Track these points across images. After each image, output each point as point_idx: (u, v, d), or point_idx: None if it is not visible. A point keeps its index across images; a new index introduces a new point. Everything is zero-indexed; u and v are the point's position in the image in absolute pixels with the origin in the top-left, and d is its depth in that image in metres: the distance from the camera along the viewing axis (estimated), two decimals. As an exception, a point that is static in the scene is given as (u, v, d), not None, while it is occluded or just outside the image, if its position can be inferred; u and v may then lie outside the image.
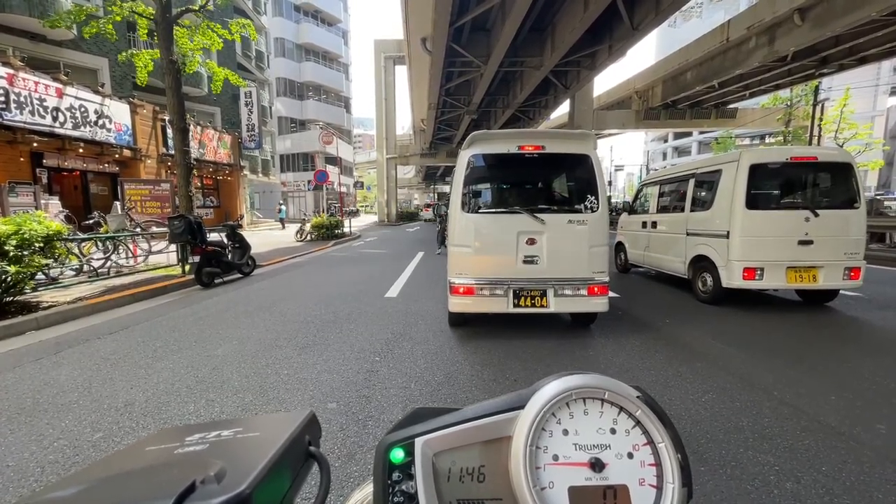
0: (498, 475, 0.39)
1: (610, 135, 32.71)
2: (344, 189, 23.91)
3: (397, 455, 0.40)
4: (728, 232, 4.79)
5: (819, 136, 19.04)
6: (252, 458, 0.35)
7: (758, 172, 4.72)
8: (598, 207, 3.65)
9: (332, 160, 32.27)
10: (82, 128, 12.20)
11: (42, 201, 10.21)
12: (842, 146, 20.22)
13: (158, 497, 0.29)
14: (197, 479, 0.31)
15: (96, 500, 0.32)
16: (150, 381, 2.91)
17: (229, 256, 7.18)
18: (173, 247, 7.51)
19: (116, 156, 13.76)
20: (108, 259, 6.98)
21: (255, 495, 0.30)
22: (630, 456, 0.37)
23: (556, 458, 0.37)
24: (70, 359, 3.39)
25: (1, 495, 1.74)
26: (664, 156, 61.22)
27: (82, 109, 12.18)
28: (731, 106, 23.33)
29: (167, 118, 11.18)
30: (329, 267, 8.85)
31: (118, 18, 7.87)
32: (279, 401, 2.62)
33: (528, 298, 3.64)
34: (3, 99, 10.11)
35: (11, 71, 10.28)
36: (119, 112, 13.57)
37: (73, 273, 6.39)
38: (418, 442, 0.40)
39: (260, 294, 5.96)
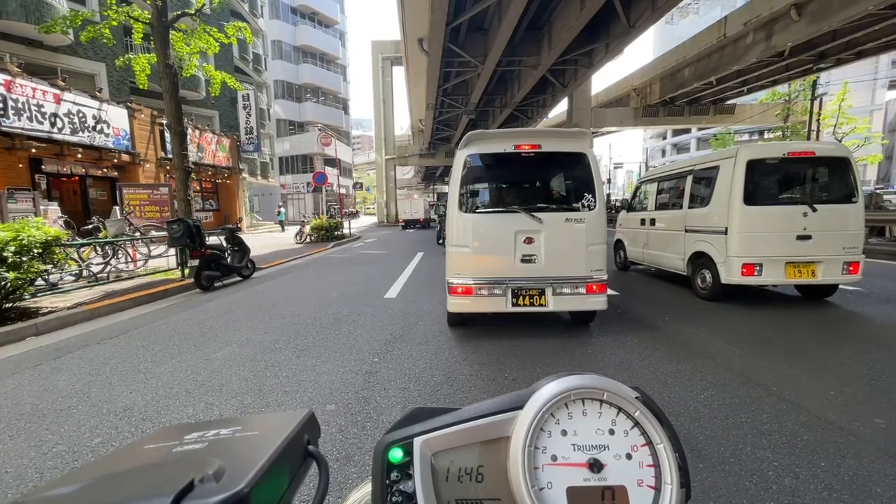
0: (496, 475, 0.39)
1: (608, 132, 32.75)
2: (343, 190, 23.90)
3: (396, 455, 0.40)
4: (726, 228, 4.79)
5: (818, 131, 19.05)
6: (251, 457, 0.35)
7: (755, 168, 4.72)
8: (595, 205, 3.65)
9: (331, 162, 32.26)
10: (81, 133, 12.18)
11: (41, 207, 10.19)
12: (840, 141, 20.25)
13: (157, 495, 0.29)
14: (195, 477, 0.31)
15: (95, 497, 0.32)
16: (149, 386, 2.90)
17: (228, 259, 7.17)
18: (172, 251, 7.50)
19: (115, 160, 13.74)
20: (107, 264, 6.97)
21: (253, 494, 0.30)
22: (629, 457, 0.37)
23: (554, 458, 0.37)
24: (69, 364, 3.39)
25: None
26: (663, 153, 61.21)
27: (80, 115, 12.16)
28: (730, 102, 23.39)
29: (165, 122, 11.16)
30: (328, 268, 8.85)
31: (115, 23, 7.86)
32: (278, 403, 2.62)
33: (527, 297, 3.63)
34: (1, 105, 10.09)
35: (9, 77, 10.26)
36: (117, 117, 13.54)
37: (73, 278, 6.39)
38: (417, 442, 0.40)
39: (259, 296, 5.95)
